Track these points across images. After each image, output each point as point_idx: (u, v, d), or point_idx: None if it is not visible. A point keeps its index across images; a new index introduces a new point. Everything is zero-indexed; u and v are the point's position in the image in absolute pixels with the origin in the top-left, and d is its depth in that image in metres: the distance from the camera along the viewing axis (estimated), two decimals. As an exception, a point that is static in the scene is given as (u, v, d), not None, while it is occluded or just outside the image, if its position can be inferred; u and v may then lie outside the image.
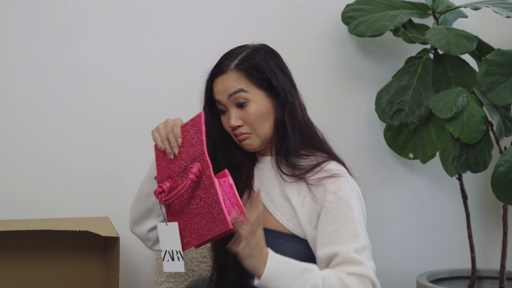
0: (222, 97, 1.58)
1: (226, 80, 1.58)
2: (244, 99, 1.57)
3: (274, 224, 1.58)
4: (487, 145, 2.08)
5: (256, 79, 1.58)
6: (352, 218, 1.49)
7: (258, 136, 1.58)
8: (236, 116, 1.58)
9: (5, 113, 2.08)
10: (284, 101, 1.59)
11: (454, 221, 2.58)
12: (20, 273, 1.91)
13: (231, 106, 1.58)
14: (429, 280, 2.28)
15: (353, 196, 1.52)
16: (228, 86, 1.57)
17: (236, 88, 1.57)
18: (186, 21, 2.25)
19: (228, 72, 1.59)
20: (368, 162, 2.47)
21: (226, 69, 1.59)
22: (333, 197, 1.51)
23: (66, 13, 2.13)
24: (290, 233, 1.56)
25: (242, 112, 1.57)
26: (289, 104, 1.60)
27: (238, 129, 1.58)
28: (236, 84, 1.57)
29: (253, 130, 1.58)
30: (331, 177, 1.53)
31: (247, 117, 1.57)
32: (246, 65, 1.58)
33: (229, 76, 1.58)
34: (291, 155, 1.58)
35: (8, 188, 2.07)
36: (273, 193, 1.61)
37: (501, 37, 2.59)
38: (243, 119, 1.57)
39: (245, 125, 1.58)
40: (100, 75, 2.16)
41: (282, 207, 1.58)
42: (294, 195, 1.57)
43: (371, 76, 2.47)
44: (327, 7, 2.41)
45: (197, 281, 1.74)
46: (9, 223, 1.85)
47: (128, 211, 2.16)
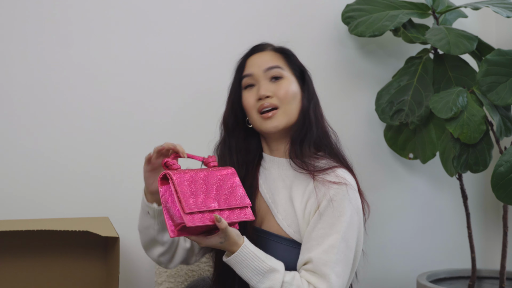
0: (256, 70, 1.62)
1: (264, 56, 1.64)
2: (280, 74, 1.62)
3: (275, 228, 1.58)
4: (487, 145, 2.08)
5: (292, 64, 1.65)
6: (337, 230, 1.49)
7: (285, 112, 1.59)
8: (267, 88, 1.60)
9: (5, 113, 2.08)
10: (311, 94, 1.66)
11: (454, 221, 2.58)
12: (20, 273, 1.91)
13: (263, 79, 1.61)
14: (429, 280, 2.28)
15: (348, 208, 1.51)
16: (266, 60, 1.63)
17: (274, 64, 1.62)
18: (187, 21, 2.25)
19: (266, 50, 1.66)
20: (368, 162, 2.47)
21: (265, 49, 1.67)
22: (328, 203, 1.51)
23: (67, 13, 2.13)
24: (290, 238, 1.56)
25: (274, 86, 1.60)
26: (315, 99, 1.67)
27: (266, 100, 1.59)
28: (275, 61, 1.63)
29: (282, 104, 1.59)
30: (335, 183, 1.53)
31: (279, 90, 1.60)
32: (285, 50, 1.67)
33: (268, 53, 1.65)
34: (305, 154, 1.59)
35: (8, 188, 2.07)
36: (277, 196, 1.61)
37: (501, 37, 2.59)
38: (274, 93, 1.60)
39: (275, 97, 1.60)
40: (101, 76, 2.16)
41: (285, 210, 1.58)
42: (298, 197, 1.57)
43: (371, 76, 2.47)
44: (327, 7, 2.40)
45: (197, 281, 1.74)
46: (9, 223, 1.85)
47: (128, 211, 2.17)
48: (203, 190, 1.46)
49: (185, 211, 1.40)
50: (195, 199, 1.43)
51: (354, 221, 1.52)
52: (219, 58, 2.27)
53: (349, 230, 1.50)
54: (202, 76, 2.26)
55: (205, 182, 1.47)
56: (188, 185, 1.44)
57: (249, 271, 1.47)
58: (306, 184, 1.58)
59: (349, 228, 1.50)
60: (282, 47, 1.68)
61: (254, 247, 1.49)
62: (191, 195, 1.43)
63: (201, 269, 2.09)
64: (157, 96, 2.21)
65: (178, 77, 2.23)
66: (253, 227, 1.60)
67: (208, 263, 2.10)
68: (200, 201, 1.44)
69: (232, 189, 1.49)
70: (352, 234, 1.51)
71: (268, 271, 1.47)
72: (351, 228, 1.51)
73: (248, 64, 1.65)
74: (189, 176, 1.46)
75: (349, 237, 1.50)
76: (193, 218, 1.41)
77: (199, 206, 1.42)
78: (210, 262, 2.10)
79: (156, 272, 2.07)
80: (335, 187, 1.52)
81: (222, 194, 1.47)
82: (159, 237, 1.61)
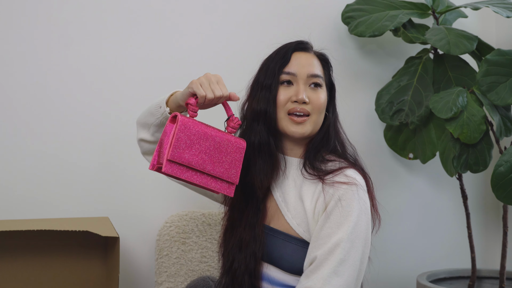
0: (301, 70, 1.61)
1: (311, 59, 1.64)
2: (320, 83, 1.63)
3: (285, 226, 1.58)
4: (487, 145, 2.08)
5: (327, 76, 1.67)
6: (344, 229, 1.49)
7: (313, 122, 1.61)
8: (306, 94, 1.60)
9: (4, 113, 2.08)
10: (334, 108, 1.68)
11: (454, 221, 2.58)
12: (20, 273, 1.91)
13: (302, 83, 1.61)
14: (429, 280, 2.28)
15: (357, 208, 1.51)
16: (312, 64, 1.63)
17: (319, 73, 1.63)
18: (186, 22, 2.25)
19: (312, 53, 1.66)
20: (368, 162, 2.45)
21: (309, 50, 1.67)
22: (336, 203, 1.51)
23: (64, 14, 2.13)
24: (299, 238, 1.56)
25: (313, 93, 1.61)
26: (336, 114, 1.69)
27: (302, 105, 1.59)
28: (319, 69, 1.64)
29: (314, 113, 1.60)
30: (344, 183, 1.53)
31: (317, 99, 1.60)
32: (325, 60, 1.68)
33: (314, 58, 1.65)
34: (317, 160, 1.61)
35: (8, 188, 2.07)
36: (288, 195, 1.61)
37: (501, 37, 2.59)
38: (311, 100, 1.60)
39: (310, 105, 1.60)
40: (101, 76, 2.16)
41: (295, 209, 1.58)
42: (308, 197, 1.57)
43: (371, 76, 2.47)
44: (327, 7, 2.41)
45: (197, 281, 1.74)
46: (9, 223, 1.85)
47: (128, 211, 2.17)
48: (202, 148, 1.47)
49: (168, 158, 1.44)
50: (186, 151, 1.45)
51: (362, 221, 1.51)
52: (219, 59, 2.27)
53: (356, 230, 1.49)
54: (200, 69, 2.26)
55: (209, 141, 1.48)
56: (188, 136, 1.45)
57: None
58: (316, 184, 1.58)
59: (356, 228, 1.49)
60: (324, 54, 1.69)
61: None
62: (185, 146, 1.45)
63: (201, 269, 2.09)
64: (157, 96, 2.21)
65: (179, 78, 2.23)
66: (263, 225, 1.60)
67: (208, 263, 2.10)
68: (190, 156, 1.45)
69: (232, 161, 1.50)
70: (359, 235, 1.50)
71: None
72: (358, 228, 1.50)
73: (294, 61, 1.62)
74: (195, 128, 1.47)
75: (356, 237, 1.49)
76: (172, 167, 1.44)
77: (186, 161, 1.45)
78: (210, 262, 2.11)
79: (156, 272, 2.07)
80: (344, 187, 1.52)
81: (218, 160, 1.49)
82: (152, 129, 1.65)
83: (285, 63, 1.62)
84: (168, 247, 2.08)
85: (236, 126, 1.54)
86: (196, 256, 2.10)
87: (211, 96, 1.50)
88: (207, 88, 1.50)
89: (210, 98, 1.50)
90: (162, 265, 2.06)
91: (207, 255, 2.11)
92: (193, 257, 2.09)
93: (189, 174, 1.47)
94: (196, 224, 2.12)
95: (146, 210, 2.18)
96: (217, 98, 1.52)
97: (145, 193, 2.18)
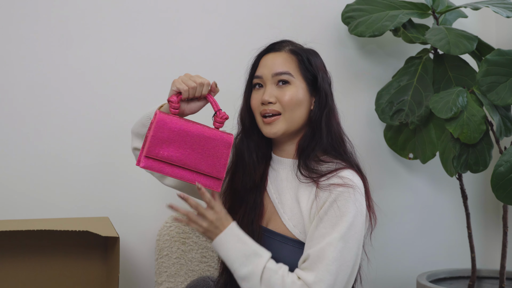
0: (266, 71, 1.60)
1: (277, 58, 1.62)
2: (287, 80, 1.59)
3: (281, 228, 1.58)
4: (487, 145, 2.08)
5: (304, 70, 1.62)
6: (338, 229, 1.48)
7: (286, 120, 1.59)
8: (271, 93, 1.59)
9: (4, 113, 2.08)
10: (324, 102, 1.62)
11: (454, 221, 2.58)
12: (20, 273, 1.91)
13: (270, 83, 1.60)
14: (429, 280, 2.28)
15: (352, 209, 1.50)
16: (277, 64, 1.60)
17: (284, 70, 1.60)
18: (186, 23, 2.25)
19: (282, 51, 1.63)
20: (368, 162, 2.46)
21: (281, 49, 1.64)
22: (332, 203, 1.51)
23: (64, 14, 2.13)
24: (296, 239, 1.56)
25: (279, 91, 1.59)
26: (328, 107, 1.63)
27: (268, 106, 1.58)
28: (286, 66, 1.60)
29: (284, 111, 1.58)
30: (340, 185, 1.52)
31: (283, 96, 1.58)
32: (301, 54, 1.63)
33: (281, 55, 1.62)
34: (312, 160, 1.59)
35: (8, 188, 2.07)
36: (284, 197, 1.61)
37: (501, 37, 2.59)
38: (278, 98, 1.59)
39: (277, 104, 1.59)
40: (101, 76, 2.16)
41: (291, 211, 1.58)
42: (304, 198, 1.57)
43: (371, 76, 2.47)
44: (327, 7, 2.41)
45: (197, 281, 1.74)
46: (9, 223, 1.85)
47: (128, 211, 2.17)
48: (183, 145, 1.49)
49: (144, 153, 1.48)
50: (164, 147, 1.48)
51: (357, 223, 1.51)
52: (219, 58, 2.27)
53: (350, 231, 1.49)
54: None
55: (192, 138, 1.50)
56: (167, 132, 1.48)
57: (233, 253, 1.49)
58: (312, 186, 1.58)
59: (350, 229, 1.49)
60: (298, 49, 1.64)
61: (240, 230, 1.53)
62: (163, 142, 1.48)
63: (201, 269, 2.09)
64: (157, 97, 2.21)
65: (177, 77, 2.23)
66: (260, 226, 1.60)
67: (208, 263, 2.10)
68: (169, 152, 1.48)
69: (216, 156, 1.52)
70: (353, 236, 1.50)
71: (251, 254, 1.49)
72: (353, 229, 1.50)
73: (261, 64, 1.63)
74: (175, 124, 1.50)
75: (349, 238, 1.49)
76: (149, 162, 1.48)
77: (163, 156, 1.48)
78: (210, 262, 2.11)
79: (156, 272, 2.07)
80: (340, 189, 1.52)
81: (202, 157, 1.51)
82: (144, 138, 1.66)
83: (254, 68, 1.65)
84: (168, 247, 2.08)
85: (222, 120, 1.56)
86: (196, 256, 2.10)
87: (193, 84, 1.54)
88: (188, 80, 1.55)
89: (193, 86, 1.54)
90: (162, 265, 2.06)
91: (207, 255, 2.11)
92: (193, 257, 2.10)
93: (169, 170, 1.50)
94: (196, 224, 2.12)
95: (146, 210, 2.18)
96: (200, 85, 1.55)
97: (145, 193, 2.18)
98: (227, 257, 1.51)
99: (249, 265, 1.48)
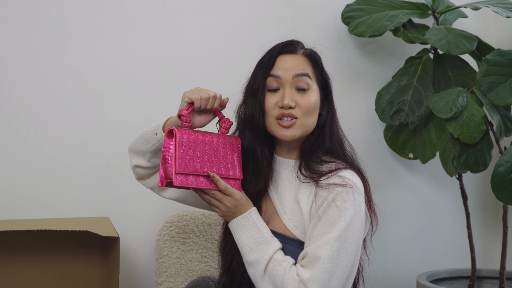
0: (285, 74, 1.59)
1: (296, 60, 1.61)
2: (307, 85, 1.59)
3: (282, 228, 1.59)
4: (487, 145, 2.08)
5: (318, 73, 1.63)
6: (336, 229, 1.48)
7: (303, 125, 1.59)
8: (291, 97, 1.58)
9: (4, 113, 2.08)
10: (330, 106, 1.64)
11: (454, 221, 2.58)
12: (20, 273, 1.91)
13: (289, 86, 1.59)
14: (429, 280, 2.28)
15: (351, 209, 1.50)
16: (297, 65, 1.60)
17: (305, 72, 1.59)
18: (186, 22, 2.25)
19: (298, 54, 1.63)
20: (368, 162, 2.46)
21: (297, 51, 1.63)
22: (330, 203, 1.51)
23: (64, 14, 2.13)
24: (296, 239, 1.57)
25: (299, 96, 1.58)
26: (333, 111, 1.65)
27: (289, 110, 1.57)
28: (305, 68, 1.60)
29: (302, 116, 1.58)
30: (339, 185, 1.52)
31: (304, 102, 1.58)
32: (314, 57, 1.64)
33: (299, 58, 1.62)
34: (313, 161, 1.59)
35: (8, 188, 2.07)
36: (285, 197, 1.61)
37: (501, 37, 2.59)
38: (298, 103, 1.58)
39: (297, 108, 1.58)
40: (101, 76, 2.16)
41: (292, 211, 1.59)
42: (304, 198, 1.57)
43: (371, 76, 2.47)
44: (327, 7, 2.41)
45: (197, 281, 1.74)
46: (9, 223, 1.85)
47: (128, 211, 2.17)
48: (201, 154, 1.55)
49: (176, 171, 1.51)
50: (190, 162, 1.53)
51: (356, 223, 1.51)
52: (219, 59, 2.27)
53: (348, 231, 1.49)
54: (202, 78, 2.26)
55: (206, 146, 1.56)
56: (189, 148, 1.53)
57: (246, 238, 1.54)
58: (312, 186, 1.58)
59: (348, 229, 1.49)
60: (312, 52, 1.65)
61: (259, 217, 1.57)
62: (187, 156, 1.52)
63: (201, 269, 2.09)
64: (157, 97, 2.21)
65: (179, 78, 2.23)
66: None
67: (208, 263, 2.10)
68: (195, 165, 1.53)
69: (230, 159, 1.58)
70: (351, 235, 1.50)
71: (263, 242, 1.53)
72: (351, 229, 1.50)
73: (278, 64, 1.61)
74: (192, 138, 1.54)
75: (347, 238, 1.49)
76: (181, 178, 1.51)
77: (192, 169, 1.52)
78: (210, 262, 2.11)
79: (156, 272, 2.07)
80: (340, 189, 1.52)
81: (218, 162, 1.56)
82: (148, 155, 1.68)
83: (270, 67, 1.61)
84: (168, 247, 2.08)
85: (228, 126, 1.62)
86: (196, 256, 2.10)
87: (206, 95, 1.56)
88: (201, 92, 1.58)
89: (206, 98, 1.56)
90: (162, 265, 2.06)
91: (207, 255, 2.11)
92: (193, 257, 2.10)
93: (198, 181, 1.54)
94: (196, 224, 2.12)
95: (146, 210, 2.18)
96: (213, 98, 1.58)
97: (145, 193, 2.17)
98: (240, 240, 1.55)
99: (258, 252, 1.52)
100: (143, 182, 1.76)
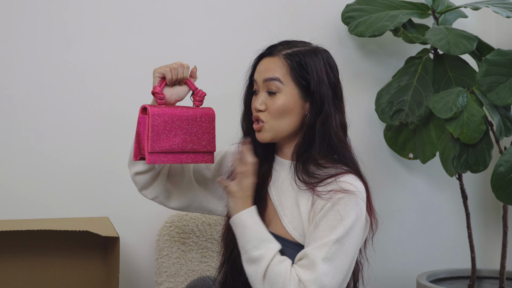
0: (259, 77, 1.60)
1: (270, 64, 1.60)
2: (277, 88, 1.58)
3: (281, 230, 1.58)
4: (487, 145, 2.08)
5: (297, 75, 1.58)
6: (335, 232, 1.48)
7: (272, 128, 1.58)
8: (263, 101, 1.59)
9: (4, 113, 2.08)
10: (319, 108, 1.58)
11: (454, 221, 2.58)
12: (20, 273, 1.91)
13: (262, 89, 1.60)
14: (429, 280, 2.28)
15: (352, 215, 1.50)
16: (268, 69, 1.59)
17: (273, 76, 1.58)
18: (186, 22, 2.25)
19: (275, 56, 1.60)
20: (368, 162, 2.45)
21: (275, 53, 1.61)
22: (331, 207, 1.50)
23: (64, 14, 2.13)
24: (295, 242, 1.56)
25: (269, 100, 1.58)
26: (324, 113, 1.58)
27: (259, 113, 1.59)
28: (276, 72, 1.58)
29: (269, 119, 1.58)
30: (340, 191, 1.51)
31: (271, 106, 1.58)
32: (295, 59, 1.58)
33: (274, 61, 1.60)
34: (310, 164, 1.58)
35: (8, 188, 2.07)
36: (285, 199, 1.61)
37: (501, 37, 2.59)
38: (267, 106, 1.59)
39: (266, 113, 1.59)
40: (101, 77, 2.16)
41: (291, 213, 1.58)
42: (303, 201, 1.57)
43: (371, 76, 2.47)
44: (327, 7, 2.41)
45: (197, 281, 1.74)
46: (9, 223, 1.85)
47: (128, 211, 2.17)
48: (175, 130, 1.56)
49: (148, 150, 1.53)
50: (163, 140, 1.54)
51: (356, 228, 1.51)
52: (220, 58, 2.27)
53: (348, 235, 1.49)
54: (203, 78, 2.25)
55: (181, 120, 1.58)
56: (162, 123, 1.54)
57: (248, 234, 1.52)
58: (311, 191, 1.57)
59: (348, 234, 1.49)
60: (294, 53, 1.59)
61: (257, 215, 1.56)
62: (161, 133, 1.54)
63: (201, 269, 2.10)
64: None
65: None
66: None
67: (208, 263, 2.10)
68: (168, 142, 1.55)
69: (204, 132, 1.60)
70: (351, 240, 1.49)
71: (265, 239, 1.51)
72: (351, 233, 1.49)
73: (257, 68, 1.62)
74: (166, 113, 1.56)
75: (346, 242, 1.49)
76: (154, 157, 1.54)
77: (165, 147, 1.55)
78: (210, 262, 2.11)
79: (156, 272, 2.07)
80: (340, 195, 1.51)
81: (192, 135, 1.58)
82: None
83: (252, 70, 1.64)
84: (168, 247, 2.08)
85: (201, 98, 1.64)
86: (196, 256, 2.10)
87: (174, 65, 1.60)
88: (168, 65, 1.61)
89: (174, 67, 1.60)
90: (162, 265, 2.06)
91: (207, 255, 2.11)
92: (193, 257, 2.10)
93: (170, 158, 1.57)
94: (196, 224, 2.12)
95: (146, 210, 2.18)
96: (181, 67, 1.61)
97: (145, 193, 2.18)
98: (243, 236, 1.52)
99: (262, 249, 1.50)
100: (144, 193, 1.74)
